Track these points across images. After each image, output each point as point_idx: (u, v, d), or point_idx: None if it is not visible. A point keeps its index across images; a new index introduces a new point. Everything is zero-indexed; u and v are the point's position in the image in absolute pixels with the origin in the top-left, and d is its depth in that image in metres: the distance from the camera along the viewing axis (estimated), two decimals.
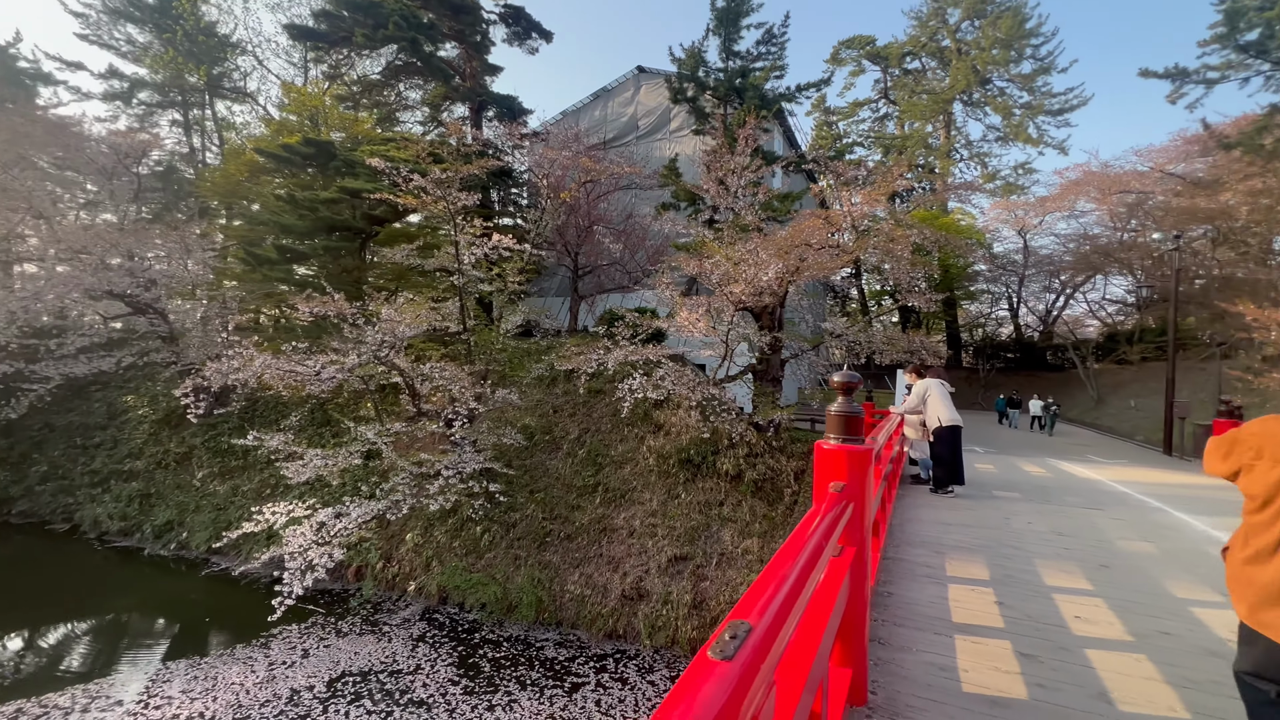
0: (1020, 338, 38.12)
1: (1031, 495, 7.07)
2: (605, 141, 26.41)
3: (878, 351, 14.43)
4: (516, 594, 11.43)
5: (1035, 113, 36.37)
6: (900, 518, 5.36)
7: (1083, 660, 2.63)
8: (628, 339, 13.99)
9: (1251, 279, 21.28)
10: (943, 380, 6.90)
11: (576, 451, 15.86)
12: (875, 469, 3.59)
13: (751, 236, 11.57)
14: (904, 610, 3.11)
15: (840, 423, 2.19)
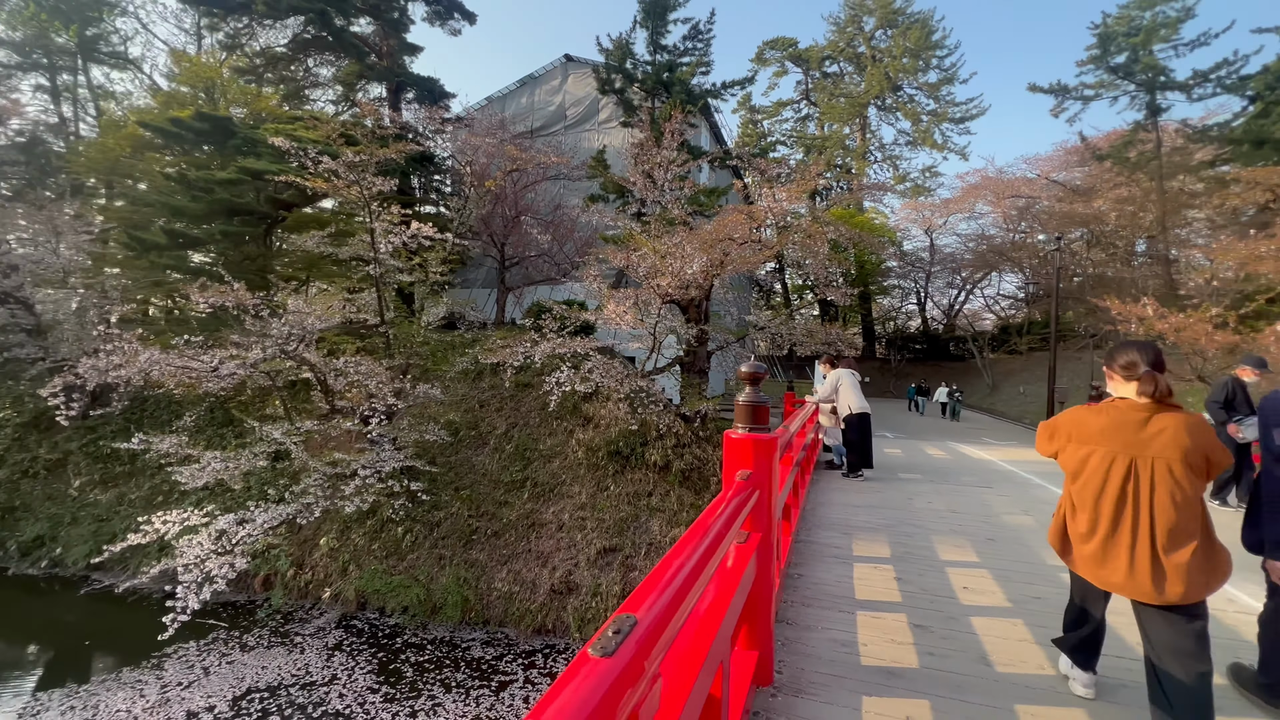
0: (927, 330, 40.89)
1: (932, 476, 7.63)
2: (532, 130, 25.90)
3: (798, 343, 15.04)
4: (441, 595, 11.11)
5: (940, 120, 38.93)
6: (814, 501, 5.63)
7: (968, 628, 2.87)
8: (555, 331, 13.84)
9: (1118, 277, 23.85)
10: (854, 370, 7.29)
11: (504, 446, 15.55)
12: (786, 456, 3.74)
13: (678, 230, 11.73)
14: (813, 590, 3.27)
15: (747, 412, 2.26)
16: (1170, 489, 2.05)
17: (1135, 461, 2.12)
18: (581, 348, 12.72)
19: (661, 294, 12.83)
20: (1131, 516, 2.09)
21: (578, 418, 15.86)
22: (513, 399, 16.70)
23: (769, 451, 2.21)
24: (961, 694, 2.24)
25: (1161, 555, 2.02)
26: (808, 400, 7.32)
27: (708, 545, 1.42)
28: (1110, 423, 2.21)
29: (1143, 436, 2.12)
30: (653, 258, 11.87)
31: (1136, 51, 24.46)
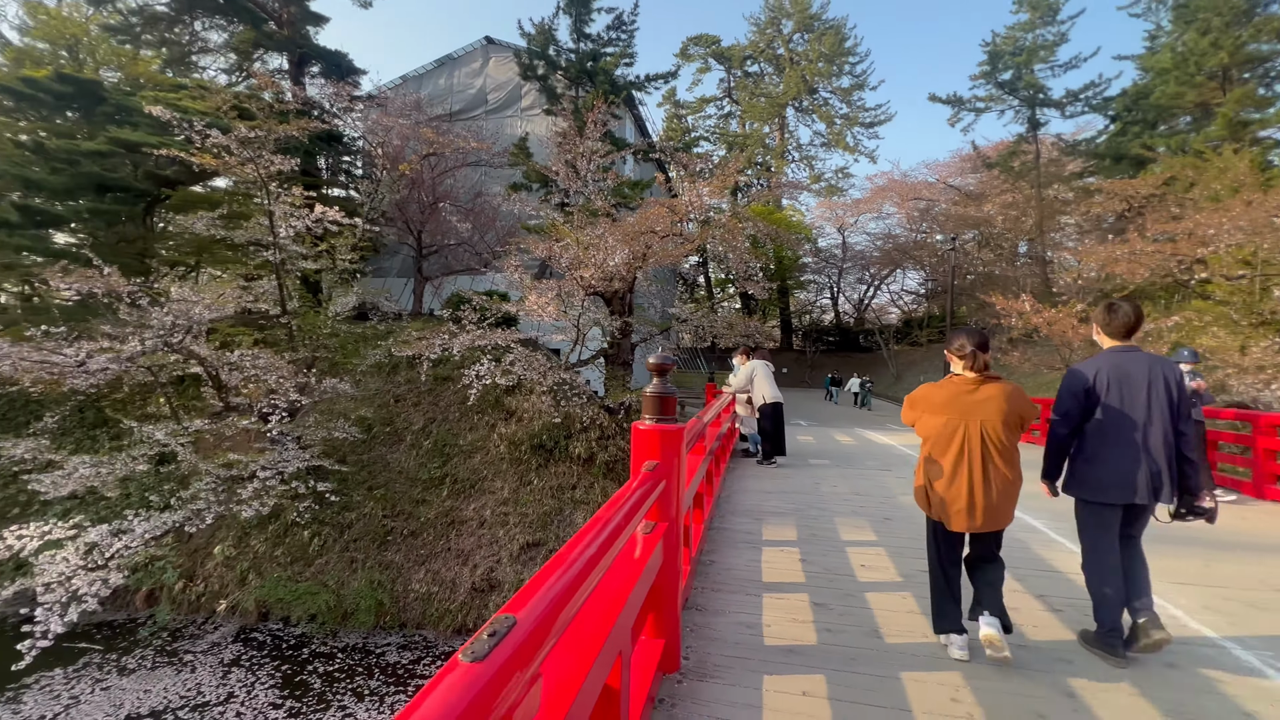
0: (839, 323, 43.17)
1: (839, 462, 8.09)
2: (451, 114, 24.88)
3: (720, 335, 15.44)
4: (353, 600, 10.59)
5: (852, 124, 40.99)
6: (729, 489, 5.82)
7: (864, 603, 3.07)
8: (475, 323, 13.44)
9: (1003, 276, 26.18)
10: (768, 361, 7.57)
11: (421, 442, 15.03)
12: (699, 445, 3.84)
13: (601, 222, 11.67)
14: (723, 576, 3.38)
15: (654, 403, 2.29)
16: (994, 443, 2.60)
17: (968, 423, 2.63)
18: (503, 340, 12.43)
19: (585, 286, 12.76)
20: (967, 466, 2.60)
21: (500, 411, 15.51)
22: (431, 393, 16.11)
23: (675, 443, 2.25)
24: (854, 666, 2.39)
25: (996, 496, 2.58)
26: (724, 391, 7.53)
27: (605, 538, 1.42)
28: (949, 394, 2.72)
29: (973, 403, 2.64)
30: (575, 249, 11.77)
31: (1020, 70, 26.82)
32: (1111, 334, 2.95)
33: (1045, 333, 11.05)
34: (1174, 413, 2.73)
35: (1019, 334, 13.89)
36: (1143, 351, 2.87)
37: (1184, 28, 21.29)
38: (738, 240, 11.69)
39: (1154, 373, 2.76)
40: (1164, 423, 2.70)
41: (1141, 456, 2.68)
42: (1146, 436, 2.69)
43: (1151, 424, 2.70)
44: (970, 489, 2.58)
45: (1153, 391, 2.73)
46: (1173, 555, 4.07)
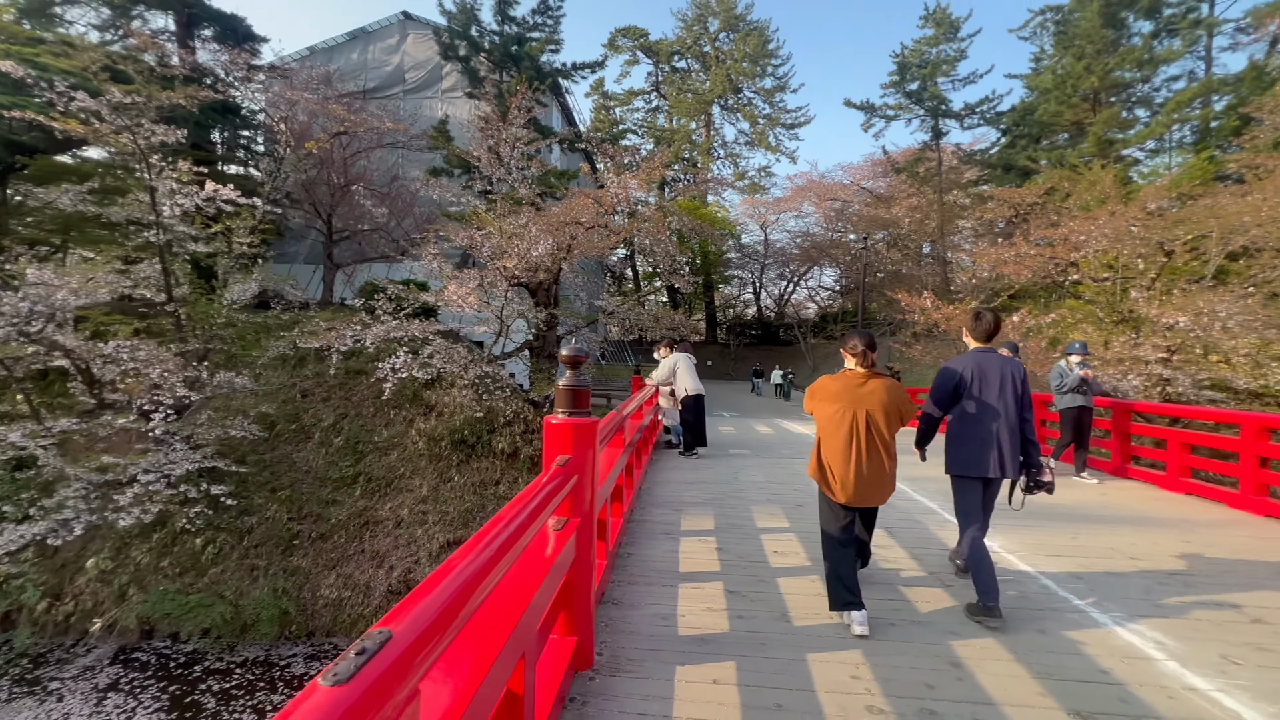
0: (761, 317, 44.65)
1: (758, 451, 8.37)
2: (365, 91, 23.45)
3: (646, 328, 15.54)
4: (253, 610, 9.88)
5: (774, 124, 42.32)
6: (651, 480, 5.86)
7: (775, 589, 3.18)
8: (390, 313, 12.79)
9: (909, 274, 27.99)
10: (689, 354, 7.68)
11: (331, 440, 14.22)
12: (618, 438, 3.82)
13: (525, 211, 11.39)
14: (640, 568, 3.39)
15: (567, 397, 2.24)
16: (876, 429, 3.01)
17: (856, 411, 3.03)
18: (420, 331, 11.90)
19: (508, 276, 12.44)
20: (854, 448, 2.99)
21: (418, 406, 14.93)
22: (342, 387, 15.24)
23: (589, 436, 2.21)
24: (763, 651, 2.46)
25: (877, 474, 3.00)
26: (646, 383, 7.58)
27: (506, 538, 1.36)
28: (842, 385, 3.14)
29: (861, 394, 3.05)
30: (498, 238, 11.43)
31: (925, 82, 28.69)
32: (976, 337, 3.44)
33: (944, 328, 11.92)
34: (1020, 404, 3.26)
35: (921, 329, 14.91)
36: (998, 353, 3.37)
37: (1063, 52, 23.52)
38: (664, 234, 11.78)
39: (1005, 372, 3.28)
40: (1013, 413, 3.23)
41: (994, 440, 3.20)
42: (1000, 424, 3.21)
43: (1004, 414, 3.22)
44: (856, 467, 2.98)
45: (1005, 387, 3.25)
46: (1045, 530, 4.49)
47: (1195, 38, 22.70)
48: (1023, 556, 3.86)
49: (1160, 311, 10.56)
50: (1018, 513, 4.89)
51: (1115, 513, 5.09)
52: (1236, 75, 20.90)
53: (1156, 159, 22.13)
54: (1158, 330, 11.17)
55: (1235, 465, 5.32)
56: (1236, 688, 2.30)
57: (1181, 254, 11.88)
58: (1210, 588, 3.36)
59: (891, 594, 3.19)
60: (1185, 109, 20.65)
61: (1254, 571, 3.65)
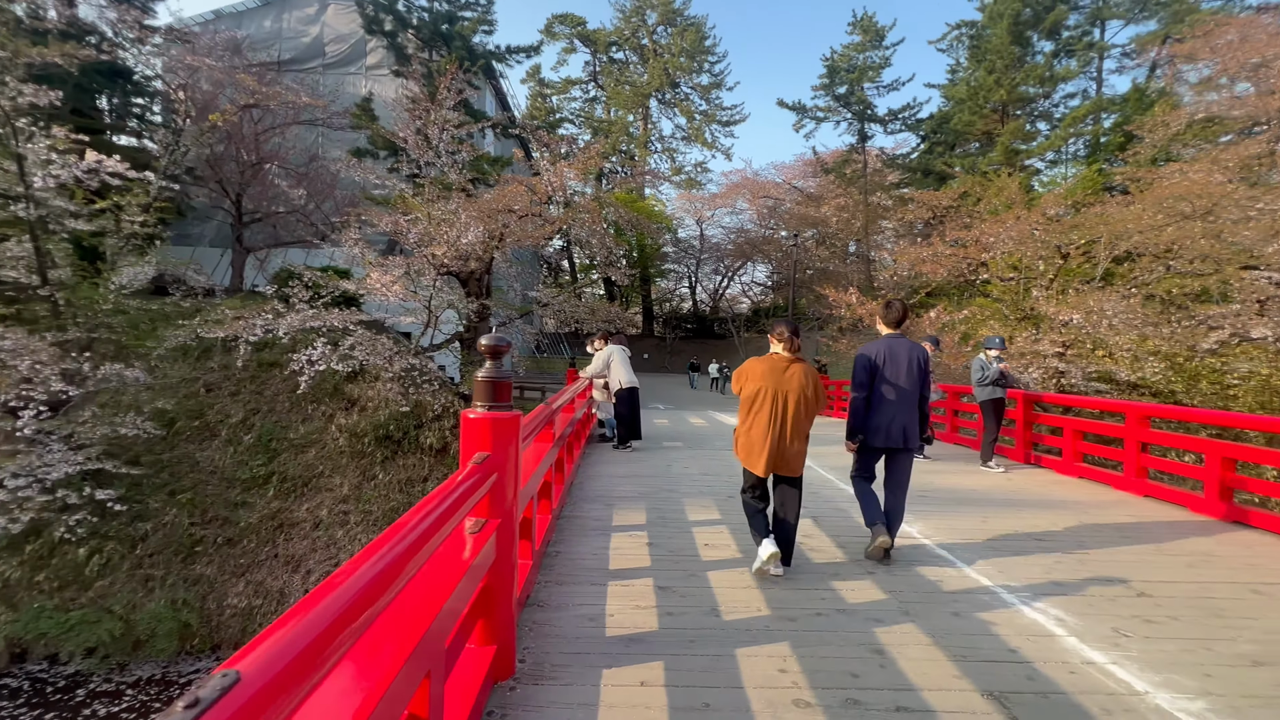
0: (697, 311, 45.29)
1: (692, 443, 8.41)
2: (280, 62, 21.81)
3: (582, 320, 15.36)
4: (148, 625, 9.08)
5: (710, 120, 42.83)
6: (584, 475, 5.74)
7: (705, 583, 3.15)
8: (307, 301, 11.98)
9: (836, 271, 29.15)
10: (624, 346, 7.60)
11: (241, 437, 13.28)
12: (546, 432, 3.68)
13: (455, 196, 10.92)
14: (569, 567, 3.28)
15: (486, 389, 2.09)
16: (795, 410, 3.33)
17: (778, 392, 3.34)
18: (340, 321, 11.21)
19: (437, 264, 11.92)
20: (776, 427, 3.31)
21: (339, 400, 14.15)
22: (253, 381, 14.22)
23: (510, 432, 2.07)
24: (692, 648, 2.41)
25: (789, 449, 3.34)
26: (580, 375, 7.44)
27: (407, 546, 1.22)
28: (767, 368, 3.42)
29: (784, 377, 3.37)
30: (426, 224, 10.91)
31: (853, 86, 29.85)
32: (887, 325, 3.87)
33: (869, 323, 12.45)
34: (921, 383, 3.73)
35: (847, 324, 15.53)
36: (905, 338, 3.79)
37: (976, 65, 25.09)
38: (600, 225, 11.62)
39: (911, 355, 3.71)
40: (915, 391, 3.68)
41: (899, 414, 3.64)
42: (905, 400, 3.65)
43: (909, 391, 3.65)
44: (775, 440, 3.30)
45: (911, 368, 3.68)
46: (958, 514, 4.73)
47: (1089, 59, 24.79)
48: (939, 541, 4.03)
49: (1057, 310, 11.47)
50: (933, 500, 5.14)
51: (1020, 497, 5.44)
52: (1123, 96, 23.01)
53: (1055, 169, 24.09)
54: (1054, 327, 12.13)
55: (1120, 450, 5.82)
56: (1128, 659, 2.46)
57: (1076, 257, 12.94)
58: (1101, 565, 3.62)
59: (819, 584, 3.24)
60: (1079, 124, 22.53)
61: (1137, 548, 3.97)
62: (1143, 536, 4.25)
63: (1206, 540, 4.18)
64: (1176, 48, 15.70)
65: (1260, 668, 2.43)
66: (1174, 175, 12.50)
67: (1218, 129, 18.04)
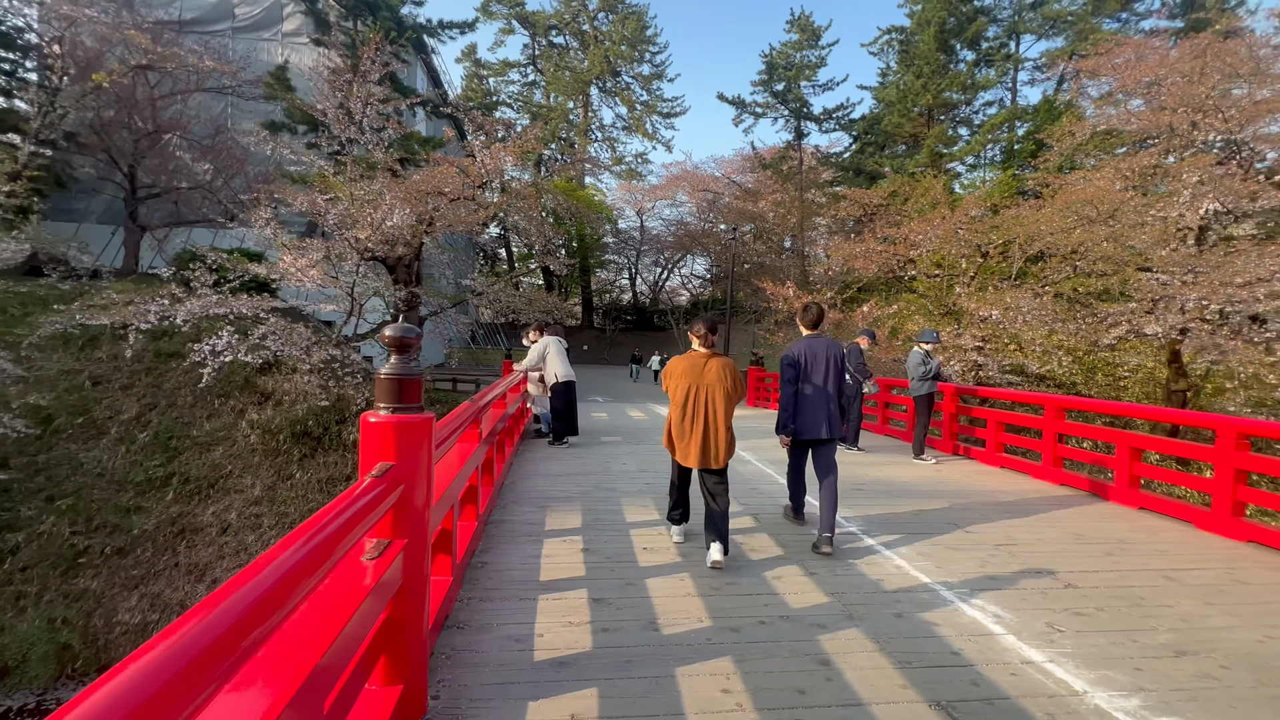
0: (637, 303, 45.20)
1: (631, 438, 8.22)
2: (181, 21, 19.85)
3: (519, 311, 14.87)
4: (18, 647, 8.13)
5: (651, 111, 42.63)
6: (516, 474, 5.43)
7: (643, 592, 2.95)
8: (210, 286, 10.91)
9: (773, 265, 29.75)
10: (560, 338, 7.29)
11: (135, 435, 12.13)
12: (471, 431, 3.37)
13: (380, 176, 10.19)
14: (495, 580, 2.99)
15: (390, 388, 1.78)
16: (716, 403, 3.49)
17: (699, 388, 3.51)
18: (249, 307, 10.26)
19: (359, 248, 11.15)
20: (699, 420, 3.48)
21: (251, 394, 13.12)
22: (150, 373, 12.97)
23: (419, 438, 1.78)
24: (629, 670, 2.20)
25: (712, 441, 3.47)
26: (514, 368, 7.07)
27: (274, 584, 0.93)
28: (688, 365, 3.58)
29: (704, 372, 3.53)
30: (347, 204, 10.13)
31: (790, 83, 30.42)
32: (806, 325, 4.11)
33: None
34: (839, 379, 3.97)
35: (784, 318, 15.79)
36: (824, 337, 4.03)
37: (905, 70, 26.10)
38: (537, 212, 11.17)
39: (829, 352, 3.97)
40: (834, 386, 3.93)
41: (824, 409, 3.89)
42: (825, 396, 3.90)
43: (828, 387, 3.91)
44: (700, 435, 3.47)
45: (829, 366, 3.94)
46: (894, 508, 4.77)
47: (1006, 69, 26.31)
48: (880, 540, 4.01)
49: (978, 305, 12.05)
50: (868, 493, 5.17)
51: (951, 489, 5.57)
52: (1034, 106, 24.56)
53: (975, 173, 25.47)
54: (974, 322, 12.77)
55: (1039, 441, 6.09)
56: (1063, 656, 2.46)
57: (995, 256, 13.65)
58: (1029, 556, 3.70)
59: (762, 587, 3.11)
60: (996, 131, 23.90)
61: (1060, 538, 4.11)
62: (1064, 525, 4.41)
63: (1120, 527, 4.39)
64: (1081, 63, 16.82)
65: (1182, 658, 2.48)
66: (1079, 182, 13.39)
67: (1115, 141, 19.53)
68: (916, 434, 6.88)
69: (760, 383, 15.27)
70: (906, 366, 6.98)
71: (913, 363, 6.90)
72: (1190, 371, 10.90)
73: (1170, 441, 4.69)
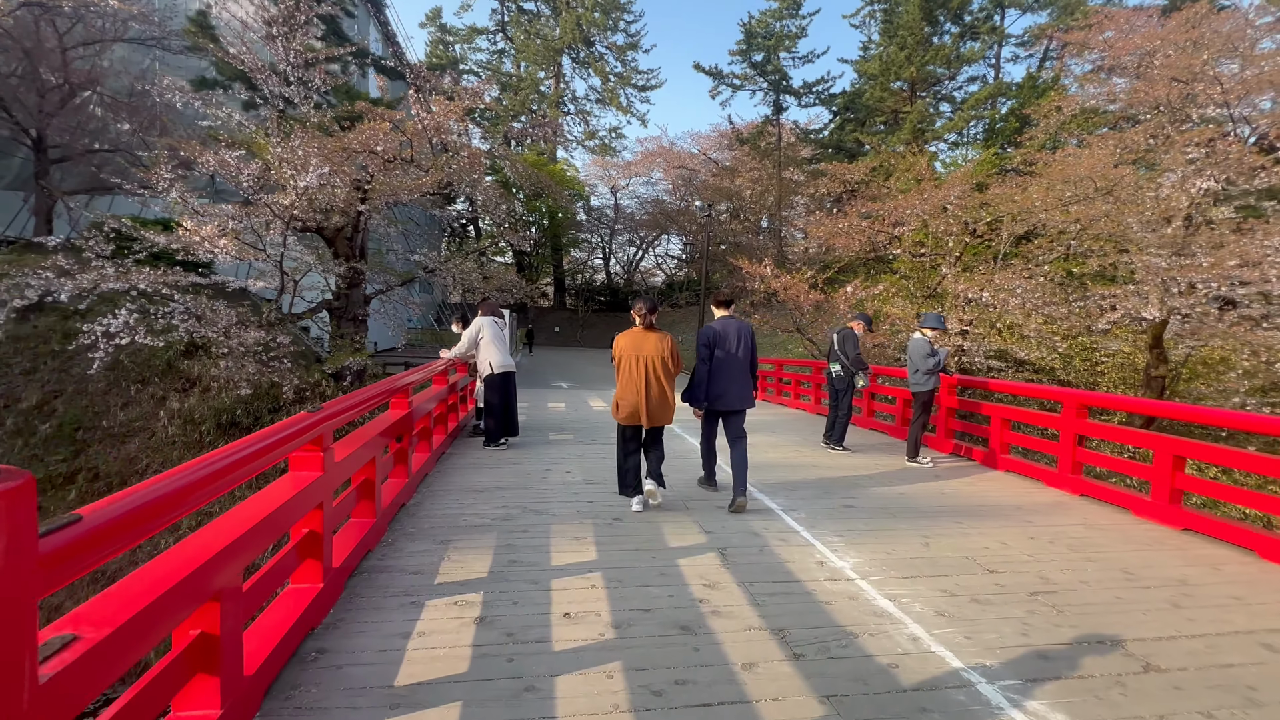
0: (610, 283, 43.90)
1: (585, 435, 7.15)
2: None
3: (476, 288, 13.72)
4: None
5: (625, 83, 40.89)
6: (429, 489, 4.37)
7: (548, 699, 1.95)
8: (108, 257, 9.48)
9: (750, 245, 28.76)
10: (498, 318, 6.15)
11: (36, 426, 10.91)
12: (309, 455, 2.31)
13: (299, 133, 8.83)
14: (327, 688, 1.95)
15: None
16: (656, 371, 4.06)
17: (640, 358, 4.07)
18: (149, 282, 8.85)
19: (285, 216, 9.79)
20: (641, 385, 4.04)
21: (174, 380, 11.80)
22: (56, 356, 11.62)
23: None
24: None
25: (653, 405, 4.06)
26: (443, 355, 5.94)
27: None
28: (632, 340, 4.16)
29: (644, 345, 4.10)
30: (266, 163, 8.76)
31: (769, 54, 29.13)
32: (718, 307, 4.64)
33: (782, 297, 11.71)
34: (750, 355, 4.41)
35: (760, 299, 14.86)
36: (735, 319, 4.48)
37: (888, 41, 25.06)
38: (481, 175, 9.92)
39: (740, 331, 4.39)
40: (745, 361, 4.37)
41: (733, 382, 4.32)
42: (738, 370, 4.34)
43: (740, 362, 4.34)
44: (643, 399, 4.03)
45: (740, 343, 4.37)
46: (895, 535, 3.88)
47: (991, 43, 25.47)
48: (882, 586, 3.08)
49: (966, 287, 11.26)
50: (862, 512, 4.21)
51: (958, 504, 4.70)
52: (1018, 83, 23.82)
53: (956, 151, 24.72)
54: (958, 305, 12.01)
55: (1052, 442, 5.25)
56: None
57: (984, 234, 12.87)
58: (1079, 613, 2.82)
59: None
60: (980, 107, 23.11)
61: (1106, 579, 3.25)
62: (1103, 556, 3.55)
63: (1171, 559, 3.53)
64: (1069, 36, 16.07)
65: None
66: (1073, 157, 12.68)
67: (1098, 120, 18.98)
68: (913, 432, 5.98)
69: None
70: (908, 356, 6.01)
71: (918, 352, 5.85)
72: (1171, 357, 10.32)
73: (1228, 451, 3.84)
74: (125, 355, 11.99)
